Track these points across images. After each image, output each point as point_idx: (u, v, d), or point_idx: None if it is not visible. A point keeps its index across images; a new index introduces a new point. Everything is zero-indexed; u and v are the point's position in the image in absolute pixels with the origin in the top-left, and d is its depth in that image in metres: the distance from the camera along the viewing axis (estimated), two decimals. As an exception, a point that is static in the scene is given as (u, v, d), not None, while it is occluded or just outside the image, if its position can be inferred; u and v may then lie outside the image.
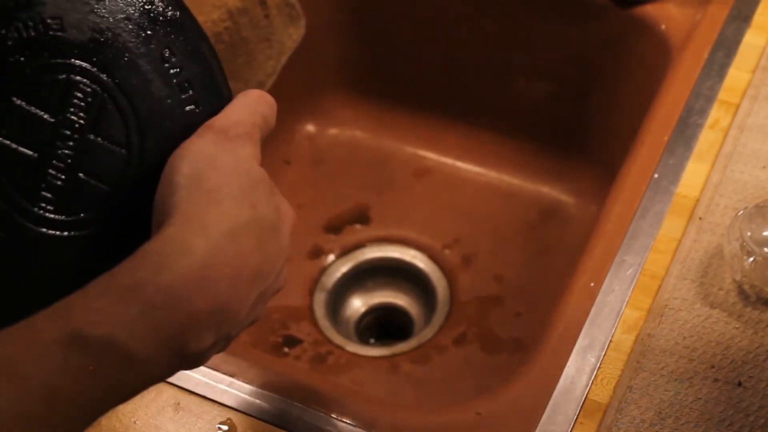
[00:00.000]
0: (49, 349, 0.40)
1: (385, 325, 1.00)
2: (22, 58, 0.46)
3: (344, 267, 1.00)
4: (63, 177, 0.47)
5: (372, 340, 0.99)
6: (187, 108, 0.48)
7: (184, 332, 0.43)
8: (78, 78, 0.47)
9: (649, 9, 0.89)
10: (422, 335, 0.95)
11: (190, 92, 0.48)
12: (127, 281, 0.42)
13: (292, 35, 0.98)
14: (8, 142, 0.46)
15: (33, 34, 0.46)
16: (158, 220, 0.45)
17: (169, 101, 0.48)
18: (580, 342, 0.64)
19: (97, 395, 0.42)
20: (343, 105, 1.09)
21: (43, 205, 0.47)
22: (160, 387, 0.64)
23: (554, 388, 0.63)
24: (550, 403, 0.62)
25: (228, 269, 0.44)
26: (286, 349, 0.93)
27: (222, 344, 0.47)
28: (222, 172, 0.46)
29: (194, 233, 0.44)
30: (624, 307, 0.66)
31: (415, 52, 1.05)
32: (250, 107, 0.49)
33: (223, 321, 0.45)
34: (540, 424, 0.61)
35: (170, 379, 0.64)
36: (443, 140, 1.06)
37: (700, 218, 0.70)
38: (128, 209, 0.48)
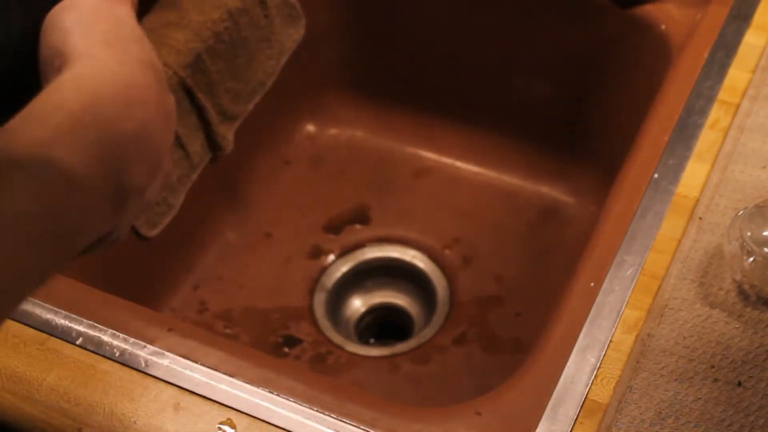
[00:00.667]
0: None
1: (385, 325, 1.00)
2: None
3: (344, 267, 1.00)
4: None
5: (372, 340, 0.99)
6: None
7: (118, 156, 0.42)
8: None
9: (649, 9, 0.89)
10: (422, 335, 0.95)
11: None
12: (50, 105, 0.41)
13: (292, 35, 0.98)
14: None
15: None
16: (55, 66, 0.44)
17: None
18: (580, 342, 0.64)
19: (42, 228, 0.39)
20: (343, 105, 1.09)
21: None
22: (161, 387, 0.64)
23: (554, 388, 0.63)
24: (550, 403, 0.62)
25: (150, 94, 0.44)
26: (286, 349, 0.93)
27: (152, 194, 0.45)
28: (110, 21, 0.45)
29: (112, 59, 0.43)
30: (624, 307, 0.66)
31: (415, 51, 1.05)
32: None
33: (152, 153, 0.43)
34: (540, 424, 0.61)
35: (170, 379, 0.64)
36: (443, 140, 1.06)
37: (700, 218, 0.70)
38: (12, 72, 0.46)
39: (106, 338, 0.66)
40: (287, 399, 0.63)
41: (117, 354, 0.66)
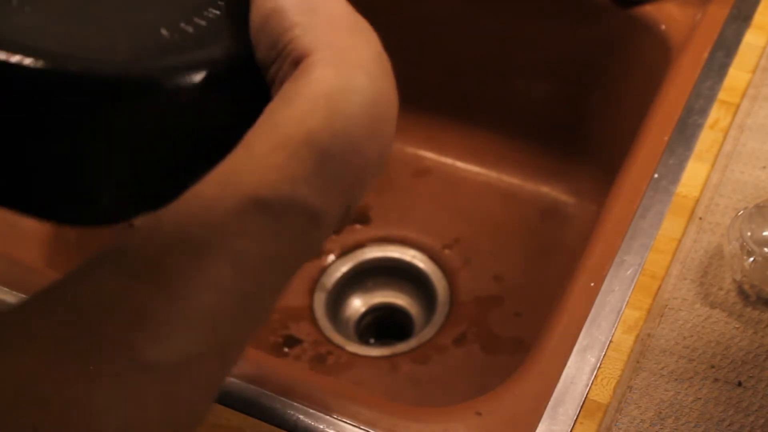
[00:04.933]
0: (227, 218, 0.37)
1: (385, 325, 1.00)
2: None
3: (344, 267, 1.00)
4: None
5: (372, 340, 0.99)
6: None
7: (355, 183, 0.40)
8: None
9: (649, 9, 0.89)
10: (422, 335, 0.95)
11: None
12: (299, 133, 0.38)
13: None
14: None
15: None
16: (287, 56, 0.41)
17: None
18: (580, 342, 0.64)
19: (284, 254, 0.39)
20: (343, 105, 1.09)
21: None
22: (160, 387, 0.64)
23: (554, 388, 0.63)
24: (550, 403, 0.62)
25: (390, 109, 0.41)
26: (286, 349, 0.93)
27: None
28: (335, 3, 0.43)
29: (357, 70, 0.40)
30: (624, 307, 0.66)
31: (414, 51, 1.05)
32: None
33: (379, 170, 0.42)
34: (540, 424, 0.61)
35: (170, 379, 0.64)
36: (443, 140, 1.06)
37: (700, 218, 0.70)
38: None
39: (106, 338, 0.66)
40: (287, 399, 0.63)
41: (117, 354, 0.66)
